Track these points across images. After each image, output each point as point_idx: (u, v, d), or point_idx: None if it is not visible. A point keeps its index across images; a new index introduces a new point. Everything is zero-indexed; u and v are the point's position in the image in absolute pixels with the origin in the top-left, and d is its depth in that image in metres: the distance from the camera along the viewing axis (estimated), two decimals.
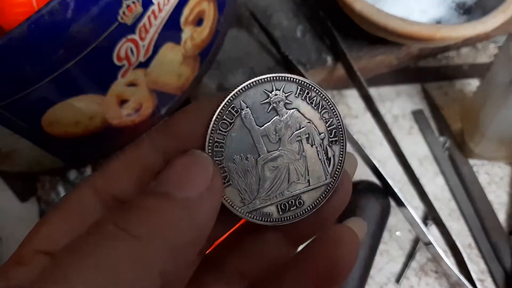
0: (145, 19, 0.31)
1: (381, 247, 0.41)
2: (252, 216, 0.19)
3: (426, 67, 0.50)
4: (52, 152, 0.37)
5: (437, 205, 0.41)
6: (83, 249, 0.14)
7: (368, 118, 0.44)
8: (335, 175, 0.20)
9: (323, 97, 0.19)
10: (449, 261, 0.38)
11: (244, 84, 0.18)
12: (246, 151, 0.18)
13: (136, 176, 0.17)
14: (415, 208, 0.42)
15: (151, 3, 0.31)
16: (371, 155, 0.39)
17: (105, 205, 0.17)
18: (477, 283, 0.38)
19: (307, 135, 0.19)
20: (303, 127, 0.19)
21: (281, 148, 0.19)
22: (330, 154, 0.19)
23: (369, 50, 0.47)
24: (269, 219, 0.19)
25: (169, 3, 0.32)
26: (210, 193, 0.16)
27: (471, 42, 0.51)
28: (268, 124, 0.19)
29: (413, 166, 0.41)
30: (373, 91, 0.45)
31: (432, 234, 0.40)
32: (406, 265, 0.41)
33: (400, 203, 0.39)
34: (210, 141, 0.18)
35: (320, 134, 0.19)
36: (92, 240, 0.14)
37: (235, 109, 0.18)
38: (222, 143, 0.18)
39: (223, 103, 0.18)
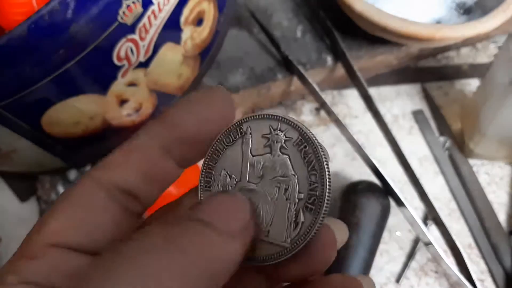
0: (145, 19, 0.31)
1: (381, 247, 0.41)
2: None
3: (426, 67, 0.50)
4: (52, 152, 0.37)
5: (437, 205, 0.41)
6: (130, 255, 0.14)
7: (368, 118, 0.44)
8: (295, 244, 0.18)
9: (318, 158, 0.18)
10: (449, 261, 0.38)
11: (258, 113, 0.19)
12: (232, 171, 0.19)
13: (137, 165, 0.18)
14: (415, 208, 0.42)
15: (151, 3, 0.31)
16: (371, 155, 0.39)
17: (111, 197, 0.17)
18: (477, 283, 0.38)
19: (287, 187, 0.18)
20: (286, 177, 0.19)
21: (260, 184, 0.19)
22: (299, 219, 0.18)
23: (369, 50, 0.47)
24: None
25: (169, 3, 0.32)
26: (246, 232, 0.17)
27: (471, 42, 0.51)
28: (259, 157, 0.19)
29: (413, 166, 0.41)
30: (373, 91, 0.45)
31: (432, 234, 0.40)
32: (406, 265, 0.41)
33: (400, 203, 0.39)
34: (213, 148, 0.20)
35: (299, 193, 0.18)
36: (141, 247, 0.14)
37: (242, 130, 0.19)
38: (220, 153, 0.20)
39: (236, 121, 0.19)
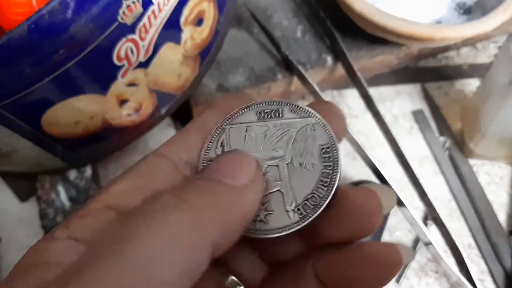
0: (145, 19, 0.31)
1: None
2: None
3: (426, 67, 0.50)
4: (52, 152, 0.37)
5: (437, 205, 0.41)
6: (143, 215, 0.15)
7: (368, 118, 0.44)
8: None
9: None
10: (449, 261, 0.38)
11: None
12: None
13: (198, 140, 0.20)
14: (415, 208, 0.42)
15: (151, 3, 0.31)
16: (371, 155, 0.39)
17: (175, 167, 0.18)
18: (477, 283, 0.38)
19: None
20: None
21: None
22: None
23: (369, 50, 0.47)
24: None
25: (169, 3, 0.32)
26: (253, 185, 0.18)
27: (471, 42, 0.51)
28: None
29: (413, 166, 0.41)
30: (373, 91, 0.45)
31: (432, 234, 0.40)
32: (406, 265, 0.41)
33: (400, 203, 0.39)
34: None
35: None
36: (155, 207, 0.16)
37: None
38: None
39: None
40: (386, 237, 0.41)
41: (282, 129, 0.20)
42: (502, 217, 0.42)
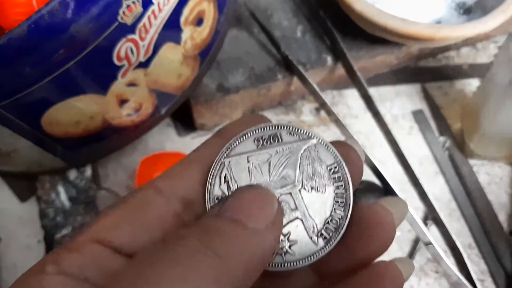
0: (145, 19, 0.31)
1: None
2: None
3: (426, 67, 0.50)
4: (52, 152, 0.37)
5: (437, 205, 0.41)
6: (168, 257, 0.15)
7: (368, 118, 0.44)
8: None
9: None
10: (449, 261, 0.38)
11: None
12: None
13: (196, 175, 0.18)
14: (415, 208, 0.42)
15: (151, 3, 0.31)
16: (371, 155, 0.39)
17: (168, 203, 0.18)
18: (477, 283, 0.38)
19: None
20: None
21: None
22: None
23: (369, 50, 0.47)
24: None
25: (169, 3, 0.32)
26: (274, 227, 0.17)
27: (471, 42, 0.51)
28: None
29: (413, 166, 0.41)
30: (373, 91, 0.45)
31: (432, 234, 0.40)
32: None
33: None
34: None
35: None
36: (181, 250, 0.15)
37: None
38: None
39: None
40: None
41: (285, 154, 0.19)
42: (502, 217, 0.42)
